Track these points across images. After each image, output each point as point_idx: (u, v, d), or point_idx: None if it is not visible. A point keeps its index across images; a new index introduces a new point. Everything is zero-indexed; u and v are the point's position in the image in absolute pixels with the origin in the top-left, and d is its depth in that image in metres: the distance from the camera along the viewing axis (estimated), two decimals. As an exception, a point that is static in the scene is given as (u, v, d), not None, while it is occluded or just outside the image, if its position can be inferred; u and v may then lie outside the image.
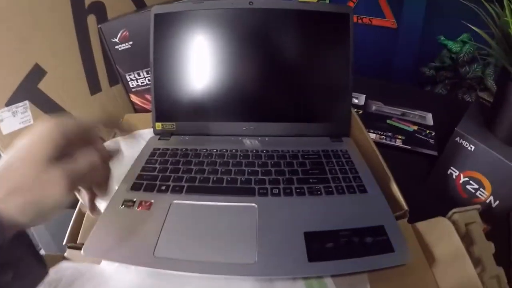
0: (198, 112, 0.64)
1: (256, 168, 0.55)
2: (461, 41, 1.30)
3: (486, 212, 0.61)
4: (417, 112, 0.85)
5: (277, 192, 0.50)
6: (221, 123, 0.64)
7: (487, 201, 0.62)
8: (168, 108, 0.64)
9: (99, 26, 0.67)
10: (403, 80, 1.39)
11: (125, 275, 0.41)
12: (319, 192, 0.50)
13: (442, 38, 1.32)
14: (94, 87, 0.72)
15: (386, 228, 0.44)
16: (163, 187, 0.52)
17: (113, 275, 0.41)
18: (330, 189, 0.51)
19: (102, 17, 0.70)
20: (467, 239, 0.49)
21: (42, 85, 0.64)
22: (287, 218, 0.46)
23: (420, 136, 0.78)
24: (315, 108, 0.65)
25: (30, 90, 0.62)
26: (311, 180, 0.52)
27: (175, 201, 0.49)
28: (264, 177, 0.53)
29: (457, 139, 0.63)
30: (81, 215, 0.53)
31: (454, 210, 0.50)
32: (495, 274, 0.45)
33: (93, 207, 0.45)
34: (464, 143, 0.62)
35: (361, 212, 0.47)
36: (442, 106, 0.84)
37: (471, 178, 0.64)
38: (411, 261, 0.40)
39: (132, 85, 0.73)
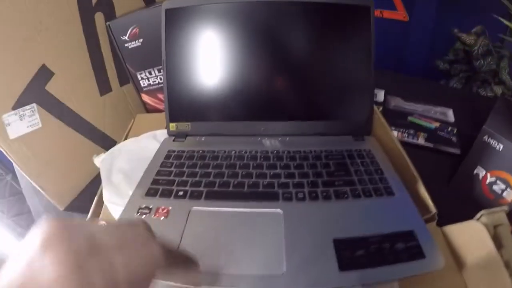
0: (214, 111, 0.60)
1: (278, 171, 0.51)
2: (475, 34, 1.24)
3: None
4: (438, 109, 0.81)
5: (302, 196, 0.46)
6: (238, 122, 0.60)
7: None
8: (182, 108, 0.60)
9: (107, 23, 0.63)
10: (415, 74, 1.33)
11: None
12: (346, 196, 0.46)
13: (456, 30, 1.26)
14: (104, 87, 0.68)
15: (416, 233, 0.40)
16: (181, 193, 0.48)
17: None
18: (357, 192, 0.47)
19: (110, 14, 0.66)
20: (496, 242, 0.46)
21: (50, 87, 0.60)
22: (315, 225, 0.43)
23: (442, 134, 0.73)
24: (336, 105, 0.60)
25: (37, 92, 0.58)
26: (336, 183, 0.48)
27: (194, 208, 0.46)
28: (288, 180, 0.49)
29: (485, 137, 0.59)
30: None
31: (482, 212, 0.46)
32: None
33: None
34: (493, 141, 0.58)
35: (389, 216, 0.44)
36: (462, 101, 0.79)
37: (498, 178, 0.60)
38: (442, 266, 0.37)
39: (144, 84, 0.69)
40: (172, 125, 0.60)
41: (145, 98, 0.71)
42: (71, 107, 0.64)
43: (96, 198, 0.54)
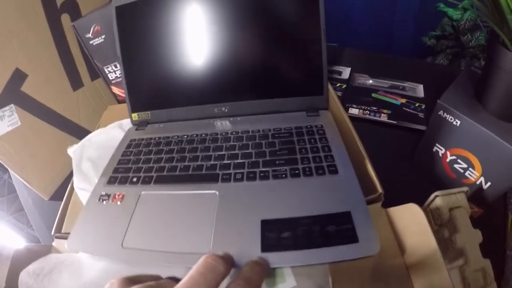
0: (171, 98, 0.59)
1: (223, 152, 0.49)
2: (462, 8, 1.15)
3: (477, 195, 0.52)
4: (406, 84, 0.74)
5: (240, 177, 0.45)
6: (193, 107, 0.58)
7: (477, 182, 0.52)
8: (142, 98, 0.60)
9: (72, 24, 0.63)
10: (403, 51, 1.26)
11: (97, 261, 0.41)
12: (283, 175, 0.44)
13: (442, 5, 1.18)
14: (76, 83, 0.69)
15: (353, 215, 0.36)
16: (135, 179, 0.49)
17: (86, 261, 0.41)
18: (297, 171, 0.44)
19: (76, 14, 0.66)
20: (450, 226, 0.41)
21: (25, 88, 0.61)
22: (246, 205, 0.41)
23: (409, 110, 0.68)
24: (288, 81, 0.56)
25: (14, 94, 0.60)
26: (277, 162, 0.46)
27: (143, 192, 0.46)
28: (230, 162, 0.47)
29: (441, 112, 0.52)
30: (66, 206, 0.53)
31: (436, 193, 0.42)
32: (480, 267, 0.38)
33: None
34: (449, 117, 0.51)
35: (327, 196, 0.40)
36: (438, 76, 0.69)
37: (458, 156, 0.53)
38: (377, 252, 0.33)
39: (111, 77, 0.69)
40: (134, 115, 0.59)
41: (115, 90, 0.71)
42: (46, 105, 0.65)
43: (69, 186, 0.55)
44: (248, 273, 0.30)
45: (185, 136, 0.54)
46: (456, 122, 0.50)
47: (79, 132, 0.67)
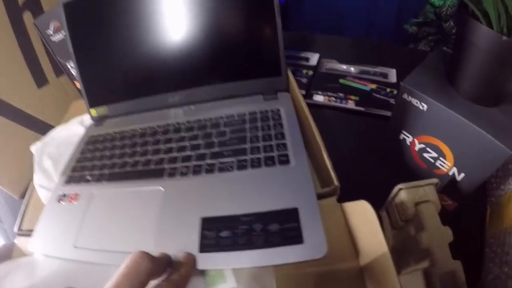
0: (126, 90, 0.55)
1: (172, 145, 0.46)
2: (444, -5, 1.09)
3: (451, 187, 0.46)
4: (378, 69, 0.68)
5: (185, 171, 0.42)
6: (148, 97, 0.54)
7: (450, 173, 0.46)
8: (98, 92, 0.56)
9: (33, 21, 0.59)
10: (384, 39, 1.19)
11: (50, 264, 0.39)
12: (230, 168, 0.40)
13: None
14: (41, 80, 0.66)
15: (301, 212, 0.33)
16: (89, 177, 0.46)
17: (40, 263, 0.40)
18: (244, 163, 0.40)
19: (38, 12, 0.63)
20: (416, 223, 0.36)
21: None
22: (188, 202, 0.38)
23: (378, 96, 0.62)
24: (242, 63, 0.51)
25: None
26: (225, 153, 0.42)
27: (95, 191, 0.44)
28: (178, 155, 0.44)
29: (405, 96, 0.46)
30: (27, 203, 0.53)
31: (400, 185, 0.38)
32: (449, 270, 0.33)
33: None
34: (414, 100, 0.45)
35: (274, 191, 0.36)
36: (415, 61, 0.65)
37: (427, 144, 0.47)
38: (323, 255, 0.30)
39: (75, 73, 0.65)
40: (93, 111, 0.56)
41: (79, 85, 0.67)
42: (11, 103, 0.61)
43: (30, 183, 0.54)
44: (172, 275, 0.29)
45: (139, 130, 0.51)
46: (423, 106, 0.44)
47: (45, 129, 0.63)
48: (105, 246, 0.37)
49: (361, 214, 0.34)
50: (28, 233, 0.44)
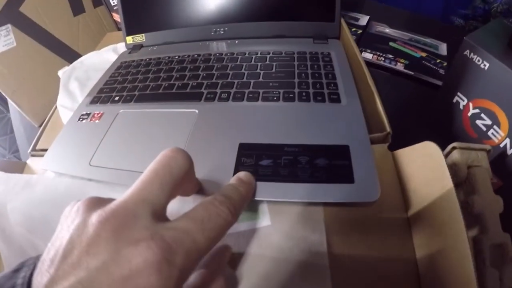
0: (167, 20, 0.50)
1: (213, 72, 0.41)
2: (498, -11, 1.00)
3: (499, 162, 0.41)
4: (429, 40, 0.62)
5: (225, 96, 0.37)
6: (189, 28, 0.49)
7: (501, 145, 0.40)
8: (137, 20, 0.52)
9: None
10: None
11: (60, 182, 0.34)
12: (275, 98, 0.35)
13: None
14: (77, 8, 0.62)
15: (352, 151, 0.28)
16: (117, 98, 0.42)
17: (49, 182, 0.34)
18: (291, 95, 0.35)
19: None
20: (467, 187, 0.31)
21: (24, 8, 0.55)
22: (226, 126, 0.33)
23: (428, 64, 0.56)
24: (294, 3, 0.46)
25: (12, 13, 0.54)
26: (271, 84, 0.37)
27: (121, 111, 0.39)
28: (218, 81, 0.39)
29: (467, 52, 0.41)
30: (46, 125, 0.47)
31: (454, 144, 0.32)
32: (498, 242, 0.27)
33: None
34: (476, 58, 0.40)
35: (324, 126, 0.31)
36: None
37: (482, 109, 0.42)
38: (376, 199, 0.25)
39: (114, 3, 0.61)
40: (129, 38, 0.52)
41: (116, 17, 0.64)
42: (44, 27, 0.59)
43: (54, 106, 0.49)
44: (229, 190, 0.23)
45: (176, 57, 0.46)
46: (484, 65, 0.39)
47: (77, 59, 0.59)
48: (123, 165, 0.32)
49: (423, 158, 0.29)
50: (42, 153, 0.39)
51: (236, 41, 0.47)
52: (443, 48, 0.61)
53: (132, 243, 0.16)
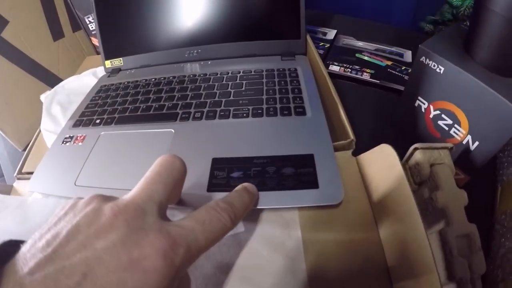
0: (143, 43, 0.53)
1: (187, 93, 0.44)
2: (463, -6, 1.06)
3: (464, 158, 0.44)
4: (394, 49, 0.67)
5: (199, 116, 0.40)
6: (164, 51, 0.52)
7: (464, 141, 0.44)
8: (115, 44, 0.54)
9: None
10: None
11: (44, 206, 0.36)
12: (245, 115, 0.38)
13: (442, -11, 1.09)
14: (57, 33, 0.64)
15: (316, 158, 0.31)
16: (98, 121, 0.44)
17: (33, 206, 0.36)
18: (260, 111, 0.38)
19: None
20: (431, 184, 0.34)
21: (5, 34, 0.57)
22: (200, 143, 0.36)
23: (394, 72, 0.60)
24: (262, 23, 0.50)
25: None
26: (241, 102, 0.40)
27: (102, 133, 0.42)
28: (192, 101, 0.42)
29: (423, 59, 0.44)
30: (31, 148, 0.49)
31: (416, 145, 0.35)
32: (464, 233, 0.30)
33: None
34: (431, 63, 0.43)
35: (290, 138, 0.35)
36: None
37: (442, 110, 0.45)
38: (340, 201, 0.28)
39: (92, 27, 0.64)
40: (107, 62, 0.55)
41: (95, 41, 0.66)
42: (25, 53, 0.60)
43: (37, 130, 0.52)
44: (233, 198, 0.25)
45: (153, 80, 0.49)
46: (440, 69, 0.42)
47: (57, 83, 0.62)
48: (107, 184, 0.35)
49: (381, 159, 0.32)
50: (28, 176, 0.41)
51: (209, 62, 0.50)
52: (408, 55, 0.65)
53: (142, 232, 0.18)
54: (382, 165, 0.31)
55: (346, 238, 0.29)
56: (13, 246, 0.18)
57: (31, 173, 0.40)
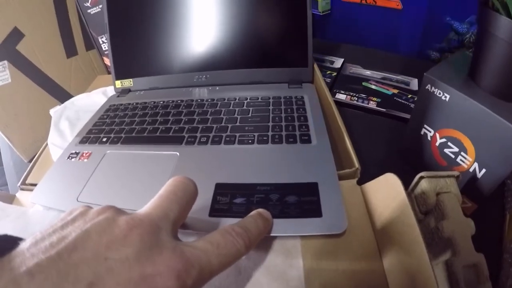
0: (153, 66, 0.55)
1: (194, 117, 0.45)
2: (469, 23, 1.09)
3: (471, 186, 0.43)
4: (400, 77, 0.68)
5: (204, 140, 0.40)
6: (174, 75, 0.54)
7: (471, 169, 0.43)
8: (126, 65, 0.56)
9: (72, -8, 0.60)
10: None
11: (45, 218, 0.37)
12: (250, 141, 0.39)
13: (448, 18, 1.11)
14: (70, 50, 0.66)
15: (321, 187, 0.31)
16: (104, 139, 0.45)
17: (34, 216, 0.37)
18: (265, 138, 0.39)
19: (78, -18, 0.63)
20: (437, 213, 0.34)
21: (21, 47, 0.59)
22: (204, 167, 0.36)
23: (400, 100, 0.61)
24: (270, 51, 0.51)
25: (9, 51, 0.58)
26: (247, 128, 0.41)
27: (108, 151, 0.42)
28: (199, 126, 0.43)
29: (428, 87, 0.44)
30: (37, 160, 0.50)
31: (422, 173, 0.34)
32: (472, 263, 0.30)
33: None
34: (437, 91, 0.43)
35: (294, 165, 0.35)
36: None
37: (449, 138, 0.45)
38: (343, 230, 0.28)
39: (105, 47, 0.66)
40: (118, 82, 0.56)
41: (107, 61, 0.68)
42: (39, 67, 0.62)
43: (45, 143, 0.53)
44: (249, 223, 0.25)
45: (161, 102, 0.50)
46: (445, 97, 0.42)
47: (68, 99, 0.63)
48: (109, 202, 0.34)
49: (385, 188, 0.32)
50: (31, 187, 0.42)
51: (217, 88, 0.52)
52: (414, 84, 0.66)
53: (156, 249, 0.18)
54: (387, 194, 0.31)
55: (349, 268, 0.29)
56: (10, 242, 0.17)
57: (35, 184, 0.40)
